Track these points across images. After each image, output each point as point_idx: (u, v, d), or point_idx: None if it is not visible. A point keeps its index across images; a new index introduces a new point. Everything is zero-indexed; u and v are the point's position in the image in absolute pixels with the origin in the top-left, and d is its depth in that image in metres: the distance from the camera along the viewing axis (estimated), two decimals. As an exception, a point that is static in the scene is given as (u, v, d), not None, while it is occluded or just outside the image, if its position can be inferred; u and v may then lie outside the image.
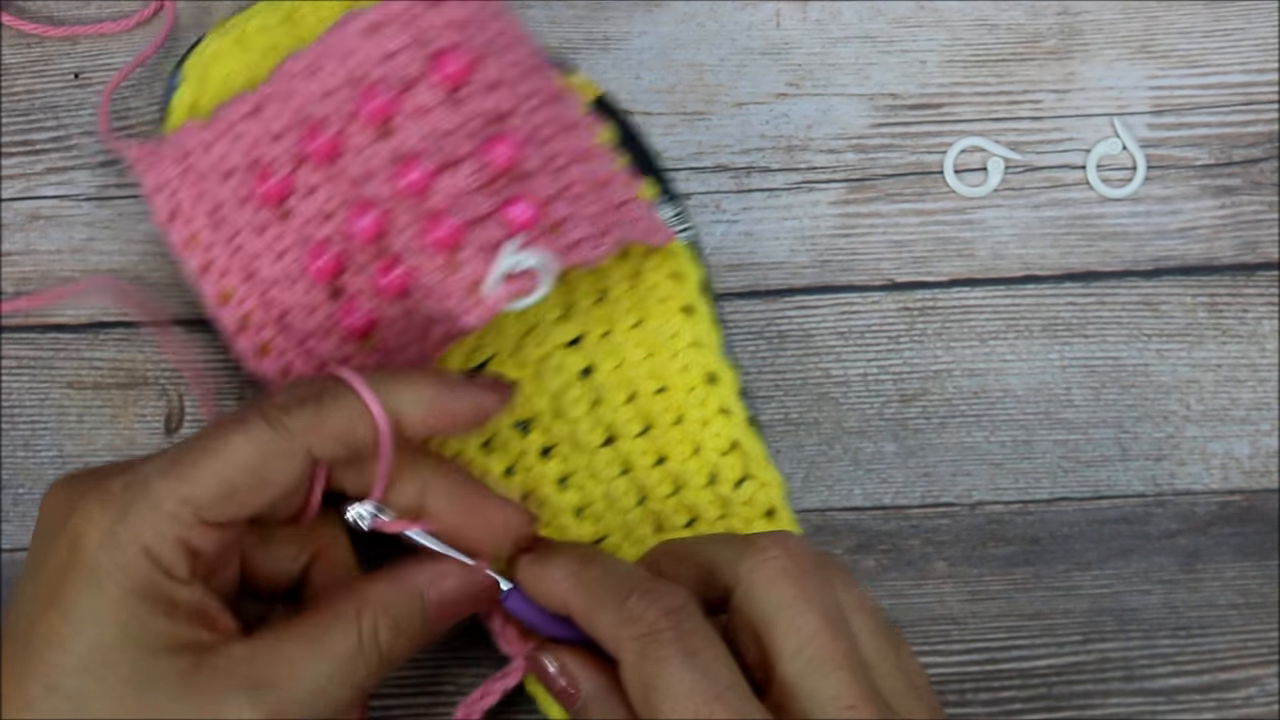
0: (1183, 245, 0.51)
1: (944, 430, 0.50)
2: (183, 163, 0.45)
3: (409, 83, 0.43)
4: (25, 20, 0.50)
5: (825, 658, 0.38)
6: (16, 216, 0.50)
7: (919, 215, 0.51)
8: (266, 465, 0.39)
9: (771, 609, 0.39)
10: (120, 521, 0.38)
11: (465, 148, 0.43)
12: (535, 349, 0.47)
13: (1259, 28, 0.51)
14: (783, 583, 0.39)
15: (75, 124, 0.50)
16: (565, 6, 0.51)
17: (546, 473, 0.47)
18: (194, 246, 0.46)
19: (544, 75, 0.45)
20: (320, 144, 0.44)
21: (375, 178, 0.43)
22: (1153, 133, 0.51)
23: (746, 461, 0.47)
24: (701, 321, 0.48)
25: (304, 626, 0.40)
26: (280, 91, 0.45)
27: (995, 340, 0.50)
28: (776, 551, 0.39)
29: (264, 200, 0.45)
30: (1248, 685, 0.49)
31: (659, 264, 0.48)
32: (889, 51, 0.51)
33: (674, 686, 0.37)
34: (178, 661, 0.38)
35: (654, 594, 0.39)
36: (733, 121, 0.51)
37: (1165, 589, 0.49)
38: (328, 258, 0.45)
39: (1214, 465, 0.50)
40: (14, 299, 0.49)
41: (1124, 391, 0.50)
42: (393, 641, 0.41)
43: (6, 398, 0.49)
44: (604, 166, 0.46)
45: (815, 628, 0.38)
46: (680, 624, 0.38)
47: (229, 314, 0.46)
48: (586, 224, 0.44)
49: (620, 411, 0.48)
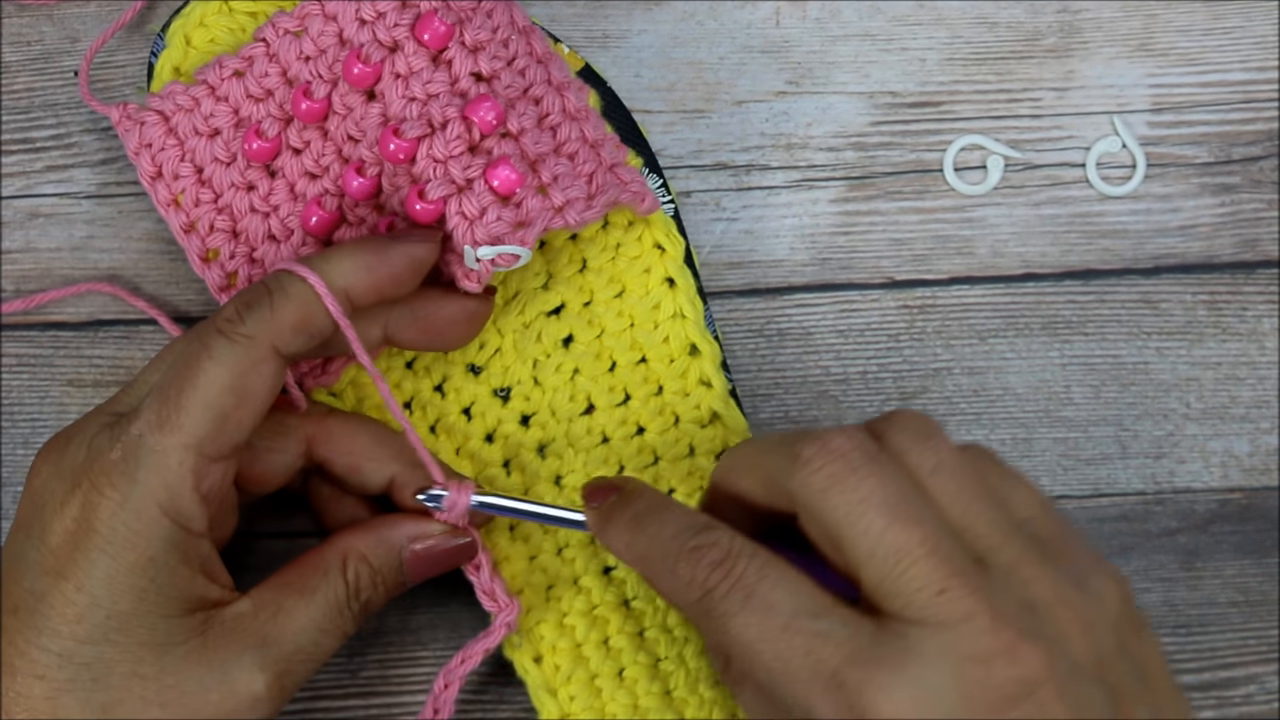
0: (1182, 243, 0.51)
1: (944, 428, 0.50)
2: (167, 123, 0.46)
3: (393, 46, 0.44)
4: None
5: (900, 553, 0.36)
6: (16, 214, 0.50)
7: (919, 213, 0.51)
8: (244, 380, 0.40)
9: (833, 523, 0.37)
10: (131, 489, 0.39)
11: (450, 111, 0.43)
12: (517, 316, 0.48)
13: (1258, 26, 0.51)
14: (834, 491, 0.37)
15: (75, 122, 0.50)
16: (565, 5, 0.51)
17: (526, 440, 0.47)
18: (179, 206, 0.46)
19: (531, 37, 0.46)
20: (308, 105, 0.45)
21: (365, 139, 0.44)
22: (1152, 130, 0.51)
23: (726, 433, 0.47)
24: (684, 293, 0.48)
25: (295, 579, 0.41)
26: (265, 52, 0.45)
27: (995, 338, 0.50)
28: (820, 460, 0.37)
29: (252, 158, 0.45)
30: (1247, 683, 0.49)
31: (642, 234, 0.48)
32: (889, 49, 0.51)
33: (742, 634, 0.37)
34: (189, 622, 0.39)
35: (698, 551, 0.38)
36: (732, 119, 0.51)
37: (1165, 587, 0.49)
38: (325, 213, 0.45)
39: (1214, 463, 0.50)
40: (12, 299, 0.49)
41: (1124, 389, 0.50)
42: (373, 593, 0.42)
43: (6, 395, 0.49)
44: (595, 127, 0.46)
45: (881, 526, 0.36)
46: (730, 572, 0.37)
47: (214, 273, 0.46)
48: (579, 184, 0.44)
49: (600, 381, 0.48)
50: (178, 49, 0.47)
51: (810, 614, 0.36)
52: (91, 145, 0.50)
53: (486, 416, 0.47)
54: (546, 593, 0.46)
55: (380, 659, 0.48)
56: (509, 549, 0.47)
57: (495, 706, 0.47)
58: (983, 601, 0.35)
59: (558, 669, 0.46)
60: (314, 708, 0.47)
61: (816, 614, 0.36)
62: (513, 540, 0.47)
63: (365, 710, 0.48)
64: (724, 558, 0.38)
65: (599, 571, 0.47)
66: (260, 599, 0.41)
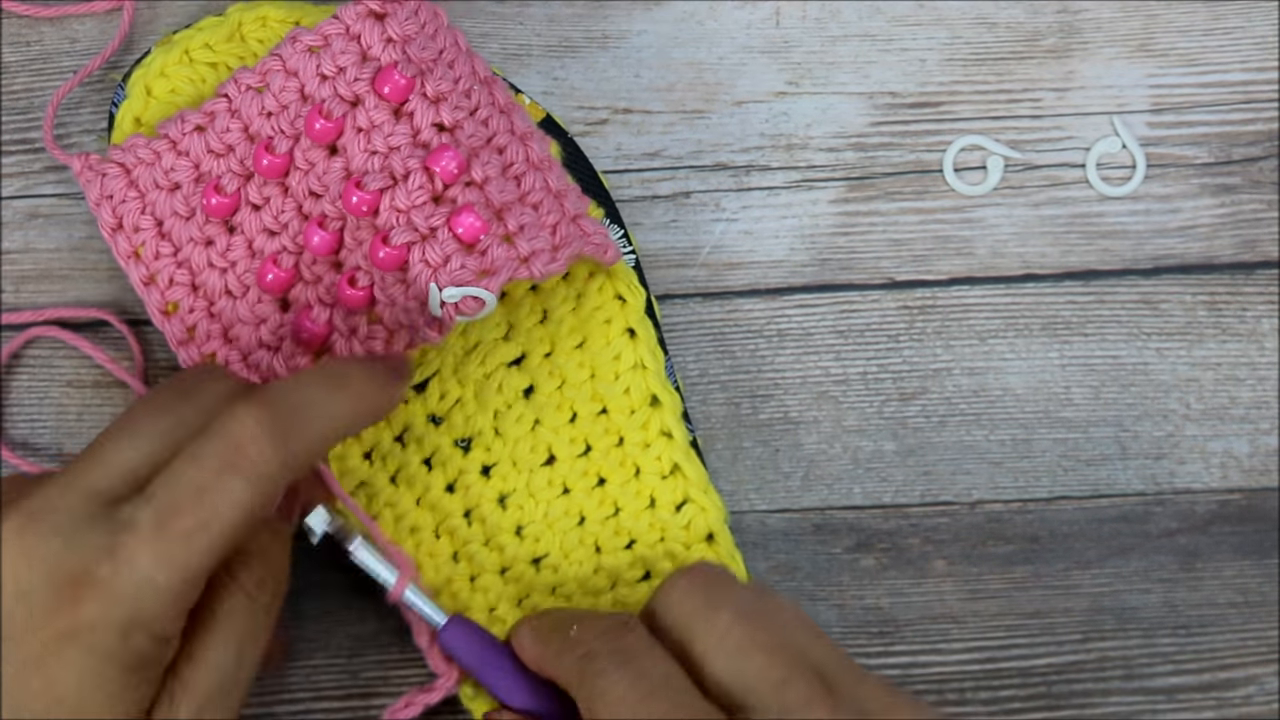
0: (1182, 244, 0.51)
1: (943, 429, 0.50)
2: (128, 175, 0.46)
3: (354, 101, 0.44)
4: (18, 2, 0.50)
5: (745, 644, 0.39)
6: (16, 215, 0.50)
7: (918, 214, 0.51)
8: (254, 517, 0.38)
9: (684, 620, 0.40)
10: (115, 608, 0.37)
11: (411, 163, 0.43)
12: (478, 367, 0.47)
13: (1258, 26, 0.51)
14: (688, 597, 0.40)
15: (74, 122, 0.50)
16: (564, 5, 0.51)
17: (487, 491, 0.47)
18: (139, 258, 0.46)
19: (492, 87, 0.46)
20: (269, 160, 0.45)
21: (326, 194, 0.44)
22: (1152, 131, 0.51)
23: (687, 485, 0.47)
24: (644, 344, 0.47)
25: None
26: (227, 108, 0.46)
27: (995, 339, 0.50)
28: (678, 576, 0.41)
29: (211, 213, 0.45)
30: (1247, 684, 0.49)
31: (603, 285, 0.48)
32: (888, 50, 0.51)
33: (609, 691, 0.38)
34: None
35: (594, 619, 0.41)
36: (732, 120, 0.51)
37: (1165, 588, 0.49)
38: (281, 271, 0.45)
39: (1213, 464, 0.50)
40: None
41: (1123, 390, 0.50)
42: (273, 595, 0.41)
43: (6, 397, 0.49)
44: (559, 178, 0.46)
45: (728, 622, 0.39)
46: (618, 639, 0.39)
47: (174, 326, 0.46)
48: (544, 234, 0.44)
49: (561, 432, 0.48)
50: (139, 99, 0.48)
51: (678, 688, 0.38)
52: (91, 146, 0.50)
53: (448, 467, 0.47)
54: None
55: (380, 659, 0.48)
56: (469, 600, 0.46)
57: None
58: (822, 697, 0.38)
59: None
60: (314, 709, 0.47)
61: (683, 689, 0.38)
62: (473, 592, 0.47)
63: (365, 710, 0.48)
64: (618, 626, 0.40)
65: None
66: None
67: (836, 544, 0.49)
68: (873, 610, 0.49)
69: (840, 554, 0.49)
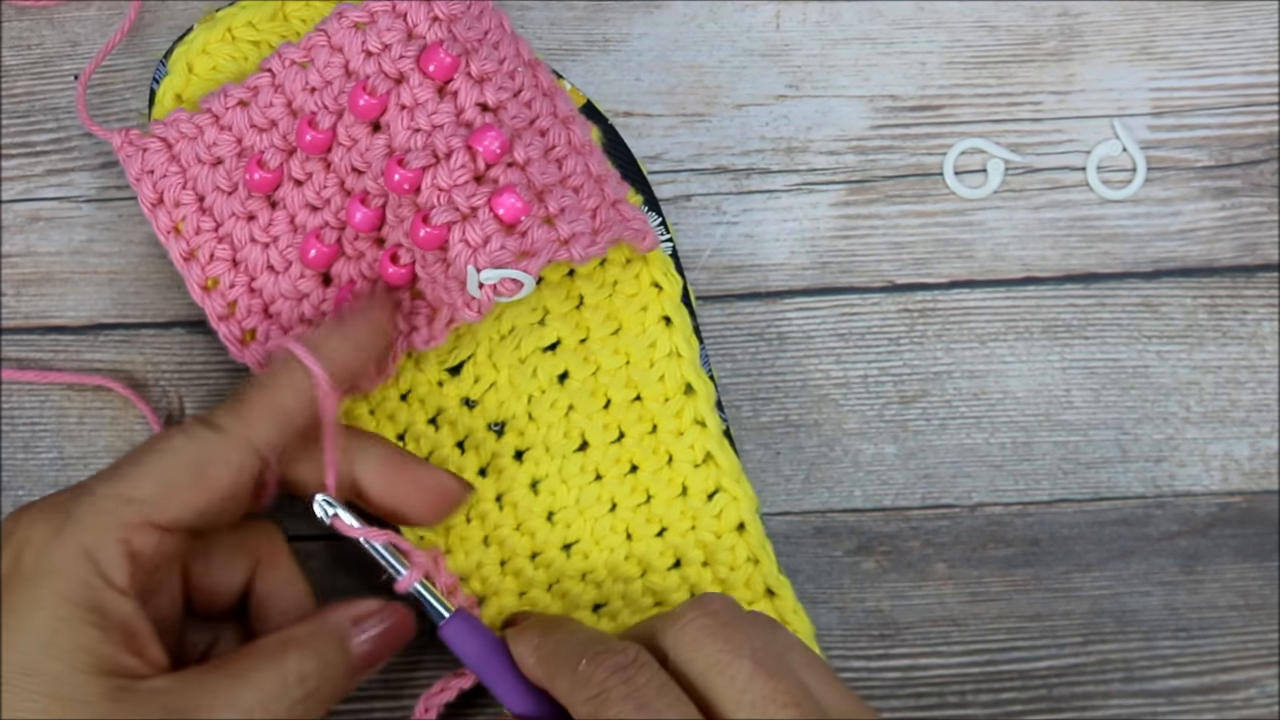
0: (1183, 247, 0.51)
1: (944, 432, 0.50)
2: (170, 150, 0.46)
3: (398, 78, 0.44)
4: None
5: (767, 698, 0.38)
6: (16, 218, 0.50)
7: (919, 217, 0.51)
8: (206, 463, 0.40)
9: (702, 668, 0.39)
10: (63, 525, 0.39)
11: (454, 141, 0.43)
12: (513, 351, 0.47)
13: (1259, 29, 0.51)
14: (706, 641, 0.39)
15: (75, 126, 0.50)
16: (565, 8, 0.51)
17: (519, 476, 0.47)
18: (179, 234, 0.46)
19: (536, 70, 0.46)
20: (312, 136, 0.45)
21: (369, 171, 0.44)
22: (1153, 134, 0.51)
23: (719, 474, 0.47)
24: (680, 332, 0.47)
25: (229, 663, 0.40)
26: (270, 82, 0.45)
27: (995, 342, 0.50)
28: (693, 614, 0.40)
29: (254, 188, 0.45)
30: (1248, 687, 0.49)
31: (640, 272, 0.47)
32: (889, 53, 0.51)
33: None
34: (99, 683, 0.38)
35: (603, 654, 0.39)
36: (733, 123, 0.51)
37: (1165, 590, 0.49)
38: (324, 246, 0.45)
39: (1214, 467, 0.50)
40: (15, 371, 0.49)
41: (1124, 393, 0.50)
42: (319, 683, 0.40)
43: (6, 399, 0.49)
44: (599, 162, 0.46)
45: (749, 673, 0.38)
46: (630, 679, 0.39)
47: (213, 302, 0.46)
48: (584, 218, 0.44)
49: (595, 418, 0.48)
50: (180, 76, 0.47)
51: None
52: (91, 149, 0.50)
53: (480, 451, 0.47)
54: None
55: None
56: (499, 584, 0.47)
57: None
58: None
59: None
60: None
61: None
62: (503, 575, 0.47)
63: (367, 714, 0.48)
64: (627, 664, 0.39)
65: (590, 608, 0.47)
66: (186, 677, 0.39)
67: (837, 547, 0.49)
68: (873, 613, 0.49)
69: (841, 557, 0.49)
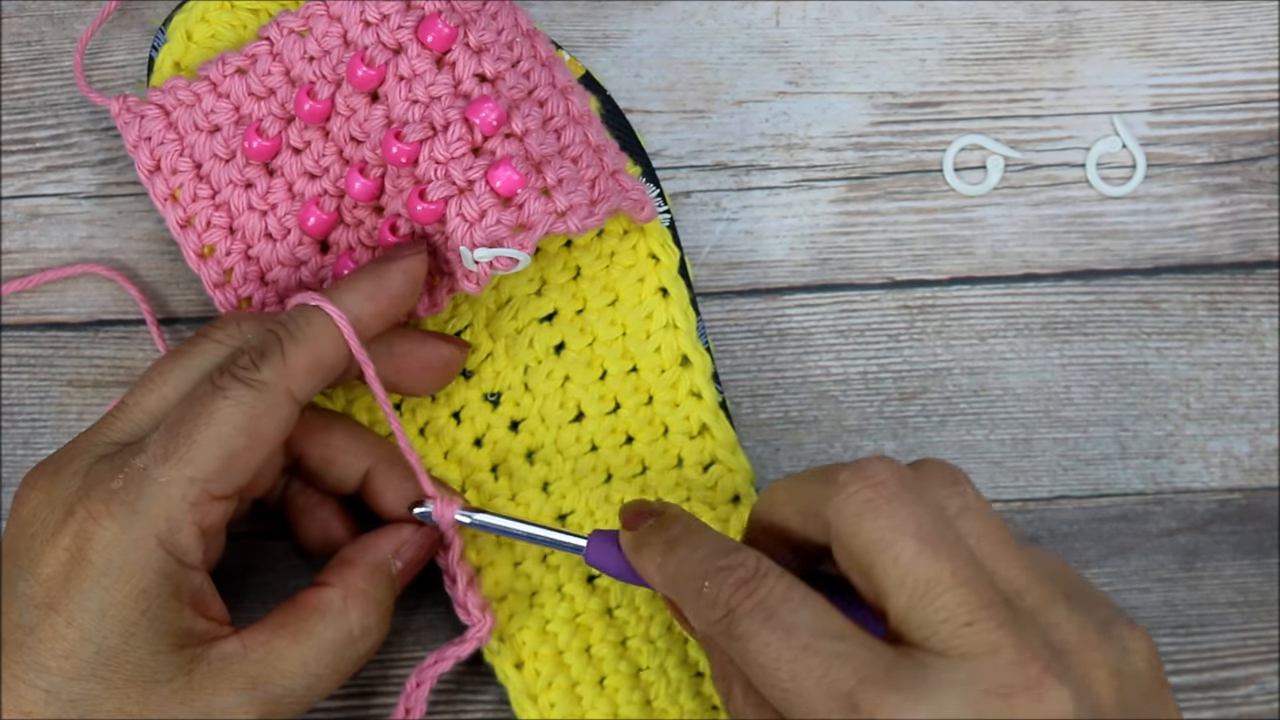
0: (1182, 243, 0.51)
1: (944, 428, 0.50)
2: (167, 117, 0.46)
3: (396, 48, 0.44)
4: None
5: (930, 582, 0.35)
6: (16, 214, 0.50)
7: (919, 213, 0.51)
8: (258, 423, 0.40)
9: (863, 547, 0.36)
10: (130, 518, 0.38)
11: (451, 113, 0.43)
12: (510, 321, 0.48)
13: (1259, 26, 0.51)
14: (868, 516, 0.36)
15: (75, 122, 0.50)
16: (565, 4, 0.51)
17: (514, 446, 0.47)
18: (176, 201, 0.46)
19: (535, 41, 0.46)
20: (311, 105, 0.45)
21: (368, 141, 0.45)
22: (1152, 131, 0.51)
23: (715, 446, 0.47)
24: (676, 303, 0.48)
25: (290, 621, 0.41)
26: (269, 51, 0.45)
27: (995, 338, 0.50)
28: (857, 485, 0.37)
29: (252, 156, 0.46)
30: (1247, 683, 0.49)
31: (637, 244, 0.48)
32: (889, 50, 0.51)
33: (761, 654, 0.36)
34: (177, 659, 0.39)
35: (725, 571, 0.38)
36: (732, 120, 0.51)
37: (1165, 587, 0.49)
38: (323, 214, 0.45)
39: (1213, 463, 0.50)
40: (11, 281, 0.49)
41: (1123, 390, 0.50)
42: (379, 624, 0.42)
43: (7, 396, 0.49)
44: (598, 132, 0.46)
45: (912, 554, 0.36)
46: (754, 593, 0.37)
47: (210, 269, 0.46)
48: (582, 189, 0.44)
49: (591, 389, 0.48)
50: (179, 44, 0.47)
51: (830, 636, 0.36)
52: (91, 145, 0.50)
53: (476, 421, 0.47)
54: (530, 599, 0.46)
55: (380, 659, 0.48)
56: (494, 554, 0.47)
57: (466, 706, 0.48)
58: (1010, 636, 0.35)
59: (539, 675, 0.46)
60: (314, 708, 0.47)
61: (836, 637, 0.36)
62: (498, 545, 0.47)
63: (366, 710, 0.48)
64: (750, 577, 0.37)
65: (583, 579, 0.47)
66: (252, 639, 0.40)
67: (836, 543, 0.49)
68: (873, 610, 0.49)
69: (840, 553, 0.49)
